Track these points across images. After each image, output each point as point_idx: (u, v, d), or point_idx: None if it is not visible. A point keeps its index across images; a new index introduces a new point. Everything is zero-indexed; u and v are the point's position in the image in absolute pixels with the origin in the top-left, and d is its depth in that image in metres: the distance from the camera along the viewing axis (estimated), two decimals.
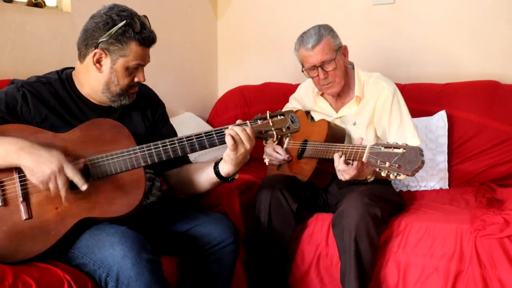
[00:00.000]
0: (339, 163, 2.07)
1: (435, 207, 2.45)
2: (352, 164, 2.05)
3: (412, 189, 2.85)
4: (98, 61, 1.80)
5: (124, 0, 1.91)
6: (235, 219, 2.34)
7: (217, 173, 1.93)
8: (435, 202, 2.55)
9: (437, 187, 2.84)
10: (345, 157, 2.07)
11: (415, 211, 2.41)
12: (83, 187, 1.61)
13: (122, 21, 1.76)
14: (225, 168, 1.90)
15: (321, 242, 2.35)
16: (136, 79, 1.87)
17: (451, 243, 2.13)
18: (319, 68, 2.34)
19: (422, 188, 2.85)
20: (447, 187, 2.86)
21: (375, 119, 2.42)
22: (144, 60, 1.85)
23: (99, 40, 1.77)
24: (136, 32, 1.78)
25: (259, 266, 2.33)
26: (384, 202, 2.23)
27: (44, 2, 2.55)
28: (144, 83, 2.06)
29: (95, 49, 1.78)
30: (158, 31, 1.88)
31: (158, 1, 3.25)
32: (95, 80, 1.84)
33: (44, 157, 1.57)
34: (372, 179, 2.20)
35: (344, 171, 2.07)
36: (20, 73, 2.34)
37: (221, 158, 1.91)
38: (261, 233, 2.31)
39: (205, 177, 1.99)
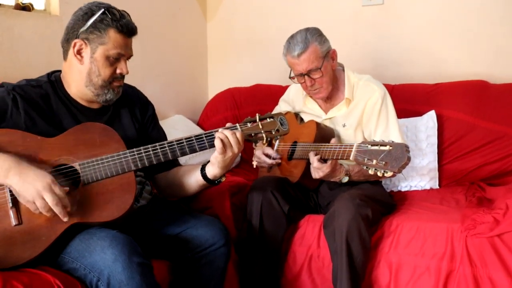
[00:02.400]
0: (313, 160, 2.17)
1: (425, 207, 2.46)
2: (326, 162, 2.15)
3: (403, 189, 2.85)
4: (79, 52, 1.80)
5: (112, 3, 1.90)
6: (226, 221, 2.34)
7: (204, 175, 1.93)
8: (426, 202, 2.55)
9: (428, 187, 2.86)
10: (333, 156, 2.12)
11: (406, 211, 2.41)
12: (64, 218, 1.59)
13: (100, 9, 1.78)
14: (212, 171, 1.91)
15: (312, 243, 2.36)
16: (118, 71, 1.85)
17: (442, 243, 2.14)
18: (306, 76, 2.34)
19: (412, 188, 2.86)
20: (437, 186, 2.87)
21: (364, 121, 2.44)
22: (124, 49, 1.84)
23: (79, 31, 1.78)
24: (114, 19, 1.78)
25: (251, 268, 2.33)
26: (375, 202, 2.24)
27: (32, 6, 2.54)
28: (133, 85, 2.06)
29: (75, 39, 1.79)
30: (147, 34, 1.89)
31: (147, 4, 3.24)
32: (77, 73, 1.84)
33: (31, 177, 1.56)
34: (346, 179, 2.27)
35: (319, 168, 2.17)
36: (8, 76, 2.31)
37: (209, 161, 1.92)
38: (253, 235, 2.31)
39: (192, 180, 1.99)
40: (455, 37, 3.18)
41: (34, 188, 1.54)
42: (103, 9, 1.78)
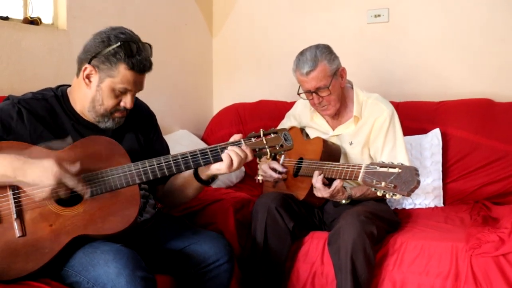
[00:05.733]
0: (317, 180, 2.20)
1: (430, 225, 2.45)
2: (331, 185, 2.18)
3: (407, 207, 2.84)
4: (88, 77, 1.80)
5: (118, 19, 1.92)
6: (230, 237, 2.33)
7: (198, 179, 1.93)
8: (430, 220, 2.54)
9: (432, 205, 2.84)
10: (341, 176, 2.13)
11: (410, 229, 2.40)
12: (87, 195, 1.65)
13: (117, 42, 1.76)
14: (207, 172, 1.89)
15: (316, 260, 2.34)
16: (122, 104, 1.85)
17: (447, 262, 2.13)
18: (314, 93, 2.34)
19: (417, 206, 2.84)
20: (441, 205, 2.86)
21: (371, 139, 2.44)
22: (132, 85, 1.82)
23: (92, 56, 1.78)
24: (128, 55, 1.77)
25: (255, 285, 2.31)
26: (380, 220, 2.23)
27: (40, 20, 2.56)
28: (140, 98, 2.06)
29: (87, 64, 1.79)
30: (153, 48, 1.89)
31: (153, 19, 3.27)
32: (83, 95, 1.84)
33: (38, 173, 1.56)
34: (345, 202, 2.28)
35: (320, 190, 2.21)
36: (15, 89, 2.33)
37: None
38: (257, 251, 2.29)
39: (187, 185, 1.98)
40: (460, 55, 3.19)
41: (49, 175, 1.56)
42: (119, 43, 1.76)
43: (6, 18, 2.44)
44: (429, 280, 2.14)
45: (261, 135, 1.89)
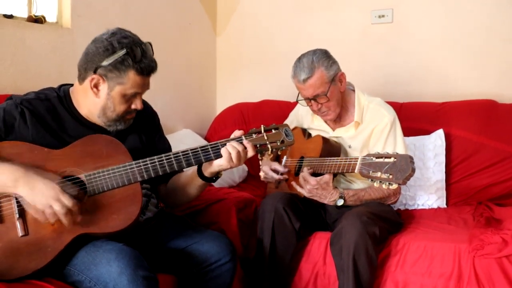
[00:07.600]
0: (304, 171, 2.23)
1: (433, 226, 2.44)
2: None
3: (410, 208, 2.84)
4: (96, 86, 1.80)
5: (123, 18, 1.91)
6: (232, 237, 2.33)
7: (202, 176, 1.93)
8: (433, 221, 2.54)
9: (435, 206, 2.84)
10: (339, 170, 2.15)
11: (413, 230, 2.40)
12: (78, 218, 1.62)
13: (122, 49, 1.75)
14: (211, 170, 1.89)
15: (318, 260, 2.34)
16: (133, 106, 1.86)
17: (449, 263, 2.13)
18: (312, 100, 2.34)
19: (420, 207, 2.84)
20: (445, 206, 2.85)
21: (370, 144, 2.43)
22: (142, 88, 1.84)
23: (98, 66, 1.76)
24: (135, 61, 1.76)
25: (259, 285, 2.30)
26: (382, 220, 2.23)
27: (44, 18, 2.57)
28: (143, 97, 2.06)
29: (93, 73, 1.78)
30: (157, 48, 1.88)
31: (157, 17, 3.26)
32: (92, 103, 1.84)
33: (39, 188, 1.57)
34: (341, 202, 2.27)
35: (307, 180, 2.24)
36: (19, 88, 2.34)
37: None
38: (264, 252, 2.28)
39: (191, 183, 1.98)
40: (464, 56, 3.19)
41: (44, 198, 1.56)
42: (125, 50, 1.75)
43: (11, 17, 2.44)
44: (431, 281, 2.14)
45: (262, 131, 1.89)
